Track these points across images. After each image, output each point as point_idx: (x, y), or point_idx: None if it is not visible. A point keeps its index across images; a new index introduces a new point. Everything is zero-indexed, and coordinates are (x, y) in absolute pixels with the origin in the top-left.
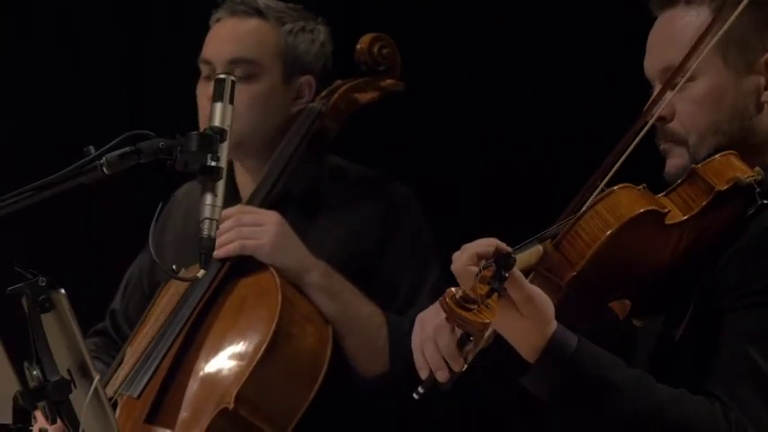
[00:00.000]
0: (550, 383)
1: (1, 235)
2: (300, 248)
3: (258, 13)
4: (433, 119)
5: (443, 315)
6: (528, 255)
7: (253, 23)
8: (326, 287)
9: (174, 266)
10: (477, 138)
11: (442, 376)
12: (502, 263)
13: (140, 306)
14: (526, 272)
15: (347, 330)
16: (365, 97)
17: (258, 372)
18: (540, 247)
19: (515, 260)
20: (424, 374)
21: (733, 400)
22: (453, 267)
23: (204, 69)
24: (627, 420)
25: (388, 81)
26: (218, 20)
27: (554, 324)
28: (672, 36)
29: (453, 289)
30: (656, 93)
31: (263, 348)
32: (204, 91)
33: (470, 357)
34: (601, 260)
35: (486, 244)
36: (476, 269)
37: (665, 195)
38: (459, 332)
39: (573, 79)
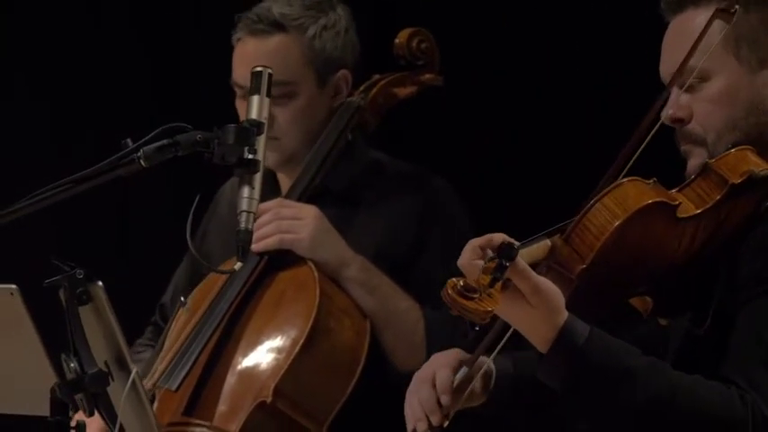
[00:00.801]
0: (563, 373)
1: (37, 227)
2: (339, 242)
3: (278, 26)
4: (471, 113)
5: (426, 370)
6: (535, 248)
7: (275, 41)
8: (365, 281)
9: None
10: (517, 132)
11: (421, 427)
12: (504, 253)
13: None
14: (536, 265)
15: (384, 325)
16: (404, 92)
17: (296, 365)
18: (548, 242)
19: (517, 250)
20: (409, 428)
21: (749, 384)
22: (459, 262)
23: (238, 91)
24: (641, 407)
25: (427, 75)
26: (239, 39)
27: (564, 314)
28: (683, 39)
29: (455, 279)
30: (672, 96)
31: (300, 342)
32: (243, 111)
33: (452, 413)
34: (610, 253)
35: (492, 237)
36: (481, 263)
37: (678, 190)
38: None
39: (615, 70)
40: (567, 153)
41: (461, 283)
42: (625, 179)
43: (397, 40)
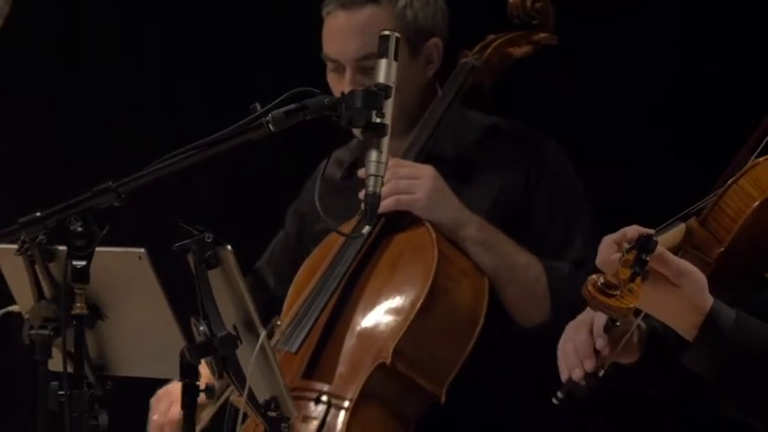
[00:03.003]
0: (710, 359)
1: (166, 192)
2: (455, 203)
3: None
4: (585, 72)
5: (583, 316)
6: (672, 234)
7: (367, 13)
8: (483, 240)
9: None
10: (634, 92)
11: (577, 375)
12: (643, 247)
13: (290, 264)
14: (673, 251)
15: (506, 282)
16: (518, 51)
17: (415, 327)
18: (683, 226)
19: (656, 242)
20: (563, 377)
21: None
22: (597, 261)
23: (329, 65)
24: None
25: (542, 35)
26: (328, 13)
27: (710, 297)
28: None
29: (595, 276)
30: None
31: (419, 304)
32: (336, 84)
33: (606, 363)
34: (749, 233)
35: (626, 231)
36: (618, 256)
37: None
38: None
39: (744, 34)
40: (682, 116)
41: (602, 280)
42: (760, 159)
43: (511, 0)
